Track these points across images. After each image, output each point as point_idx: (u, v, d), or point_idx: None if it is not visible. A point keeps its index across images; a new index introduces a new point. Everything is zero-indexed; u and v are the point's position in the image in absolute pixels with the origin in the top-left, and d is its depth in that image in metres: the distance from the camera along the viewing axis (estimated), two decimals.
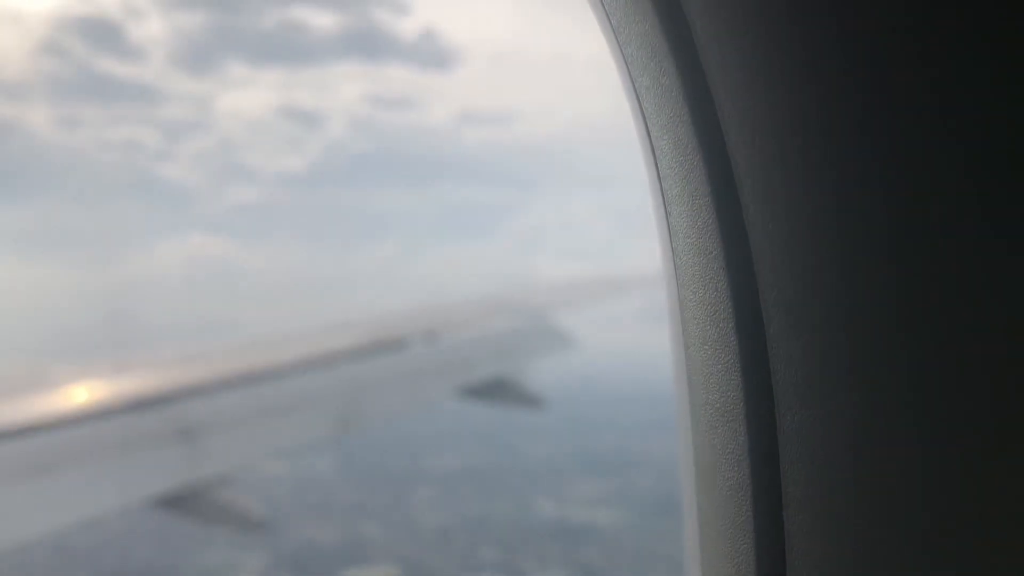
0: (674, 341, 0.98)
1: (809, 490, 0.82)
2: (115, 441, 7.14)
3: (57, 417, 7.19)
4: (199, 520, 7.61)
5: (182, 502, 7.17)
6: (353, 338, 10.79)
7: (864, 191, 0.75)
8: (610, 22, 0.93)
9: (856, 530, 0.80)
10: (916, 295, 0.75)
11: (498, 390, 10.60)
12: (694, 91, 0.84)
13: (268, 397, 8.70)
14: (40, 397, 8.00)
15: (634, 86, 0.93)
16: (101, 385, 8.69)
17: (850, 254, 0.77)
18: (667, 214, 0.93)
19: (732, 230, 0.84)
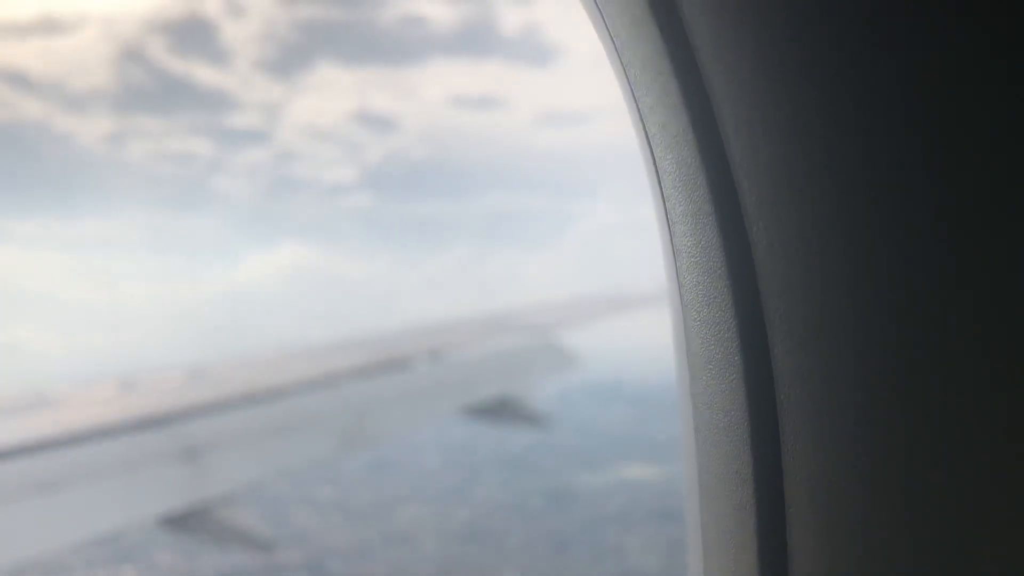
0: (678, 360, 0.98)
1: (813, 510, 0.82)
2: (120, 460, 7.14)
3: (62, 435, 7.19)
4: (205, 539, 7.59)
5: (187, 521, 7.15)
6: (358, 357, 10.80)
7: (869, 211, 0.75)
8: (614, 43, 0.93)
9: (860, 550, 0.80)
10: (922, 314, 0.75)
11: (502, 409, 10.59)
12: (698, 111, 0.84)
13: (273, 416, 8.70)
14: (46, 415, 8.01)
15: (637, 106, 0.93)
16: (108, 403, 8.70)
17: (855, 273, 0.77)
18: (671, 233, 0.94)
19: (736, 249, 0.84)
